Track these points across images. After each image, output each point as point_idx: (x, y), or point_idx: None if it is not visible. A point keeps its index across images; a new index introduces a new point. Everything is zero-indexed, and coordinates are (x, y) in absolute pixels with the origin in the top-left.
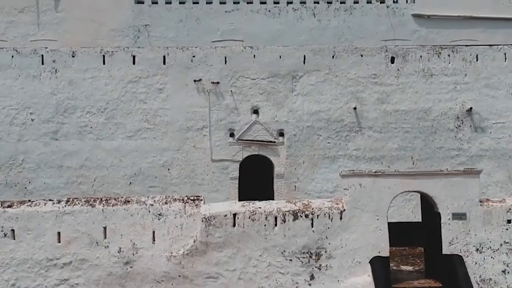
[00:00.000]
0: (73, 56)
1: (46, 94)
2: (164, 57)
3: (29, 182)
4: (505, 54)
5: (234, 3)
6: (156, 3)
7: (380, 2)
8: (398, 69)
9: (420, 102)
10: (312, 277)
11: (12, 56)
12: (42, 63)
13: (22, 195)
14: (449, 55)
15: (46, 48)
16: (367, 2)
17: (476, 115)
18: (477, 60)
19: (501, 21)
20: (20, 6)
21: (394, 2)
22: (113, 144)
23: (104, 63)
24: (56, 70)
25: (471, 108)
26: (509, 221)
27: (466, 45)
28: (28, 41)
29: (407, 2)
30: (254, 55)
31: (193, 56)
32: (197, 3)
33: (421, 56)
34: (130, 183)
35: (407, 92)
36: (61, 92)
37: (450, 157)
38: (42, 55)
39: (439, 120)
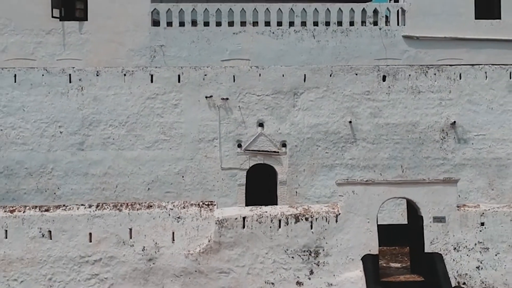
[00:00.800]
0: (97, 75)
1: (73, 109)
2: (179, 76)
3: (58, 188)
4: (485, 73)
5: (241, 25)
6: (171, 25)
7: (374, 25)
8: (389, 87)
9: (408, 116)
10: (311, 272)
11: (43, 75)
12: (70, 81)
13: (51, 200)
14: (435, 74)
15: (73, 67)
16: (362, 25)
17: (459, 128)
18: (460, 78)
19: (483, 42)
20: (47, 28)
21: (386, 24)
22: (133, 154)
23: (125, 81)
24: (82, 88)
25: (454, 121)
26: (482, 224)
27: (450, 65)
28: (55, 60)
29: (398, 24)
30: (260, 74)
31: (205, 75)
32: (208, 25)
33: (409, 75)
34: (148, 189)
35: (397, 107)
36: (86, 107)
37: (436, 166)
38: (70, 74)
39: (426, 132)
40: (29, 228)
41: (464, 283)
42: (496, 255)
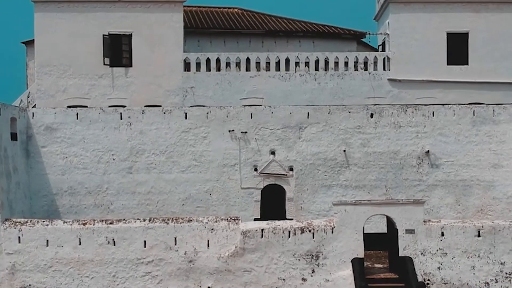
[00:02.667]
0: (142, 113)
1: (123, 141)
2: (207, 113)
3: (111, 204)
4: (453, 111)
5: (256, 70)
6: (199, 70)
7: (364, 70)
8: (375, 122)
9: (391, 146)
10: (313, 271)
11: (99, 113)
12: (121, 118)
13: (106, 213)
14: (413, 112)
15: (124, 107)
16: (355, 70)
17: (432, 156)
18: (433, 115)
19: (453, 84)
20: (99, 73)
21: (374, 69)
22: (171, 176)
23: (164, 118)
24: (130, 123)
25: (428, 150)
26: (442, 234)
27: (425, 105)
28: (105, 99)
29: (384, 69)
30: (272, 112)
31: (228, 113)
32: (230, 70)
33: (392, 113)
34: (183, 204)
35: (382, 139)
36: (134, 139)
37: (413, 186)
38: (121, 113)
39: (405, 159)
40: (97, 237)
41: (428, 280)
42: (452, 258)
